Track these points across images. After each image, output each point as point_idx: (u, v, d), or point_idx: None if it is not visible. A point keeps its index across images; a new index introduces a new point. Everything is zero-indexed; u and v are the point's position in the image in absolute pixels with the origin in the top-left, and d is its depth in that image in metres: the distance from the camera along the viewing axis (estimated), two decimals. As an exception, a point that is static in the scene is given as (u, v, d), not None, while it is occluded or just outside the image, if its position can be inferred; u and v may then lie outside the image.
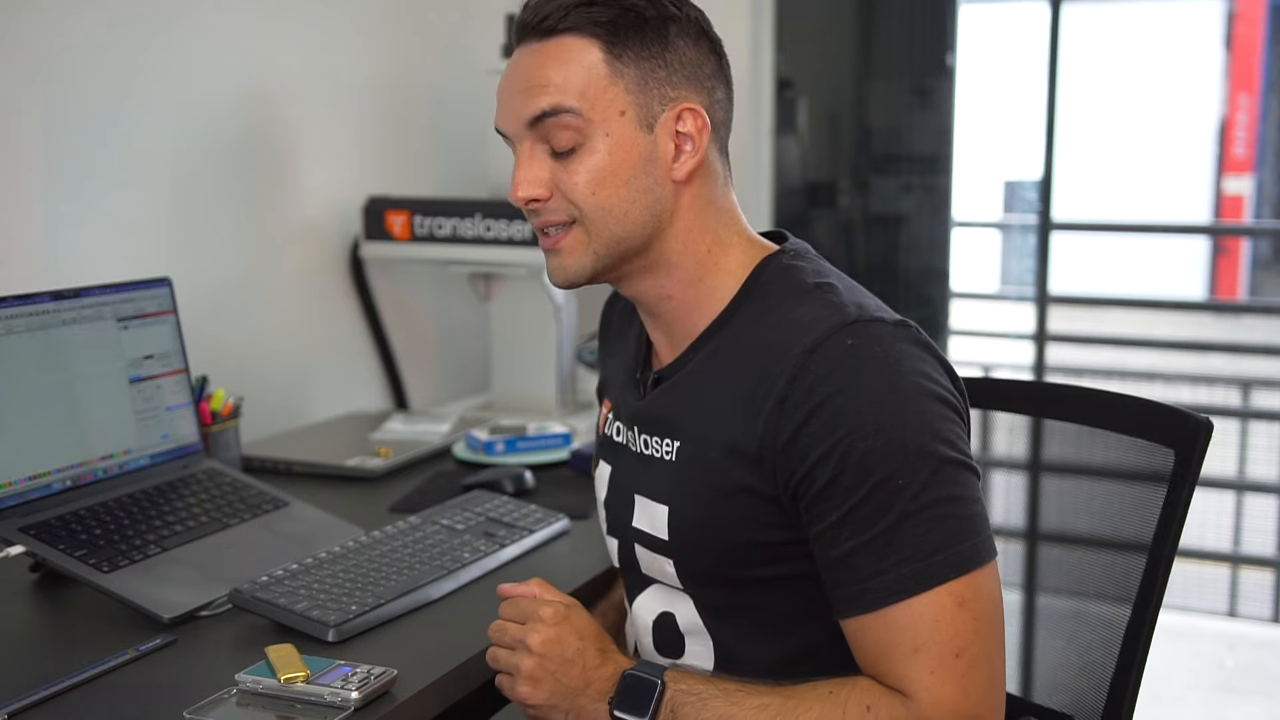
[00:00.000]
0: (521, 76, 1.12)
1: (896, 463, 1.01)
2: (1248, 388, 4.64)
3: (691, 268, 1.16)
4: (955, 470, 1.03)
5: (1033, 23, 3.91)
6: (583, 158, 1.11)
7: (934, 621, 1.00)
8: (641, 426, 1.21)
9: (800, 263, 1.16)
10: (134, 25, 1.78)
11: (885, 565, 1.01)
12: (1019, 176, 8.03)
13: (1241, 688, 3.56)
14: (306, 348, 2.16)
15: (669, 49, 1.12)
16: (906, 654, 1.01)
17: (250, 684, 1.08)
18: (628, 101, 1.11)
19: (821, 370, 1.04)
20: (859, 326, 1.06)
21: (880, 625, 1.02)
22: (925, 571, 1.01)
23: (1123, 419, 1.31)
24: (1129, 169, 9.68)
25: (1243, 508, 4.34)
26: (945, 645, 1.00)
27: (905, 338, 1.07)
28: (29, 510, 1.35)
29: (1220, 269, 10.10)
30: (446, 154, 2.44)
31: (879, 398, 1.03)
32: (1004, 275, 7.82)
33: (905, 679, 1.01)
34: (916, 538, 1.01)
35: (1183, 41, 9.83)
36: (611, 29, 1.10)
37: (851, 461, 1.02)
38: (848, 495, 1.02)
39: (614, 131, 1.11)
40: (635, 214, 1.13)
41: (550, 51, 1.11)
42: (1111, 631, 1.25)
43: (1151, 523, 1.23)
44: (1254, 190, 9.82)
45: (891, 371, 1.04)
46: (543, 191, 1.13)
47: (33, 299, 1.39)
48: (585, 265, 1.15)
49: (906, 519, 1.01)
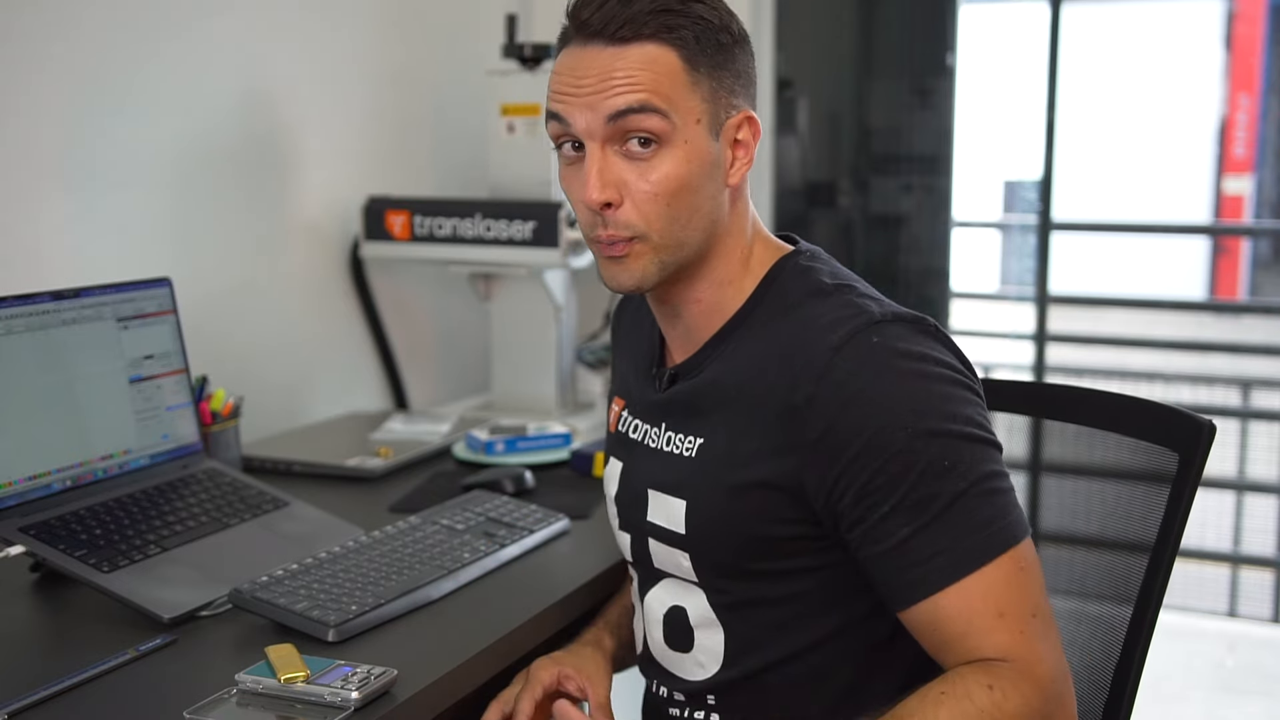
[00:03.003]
0: (597, 73, 1.10)
1: (939, 447, 1.04)
2: (1248, 388, 4.64)
3: (727, 271, 1.18)
4: (990, 449, 1.07)
5: (1033, 23, 3.91)
6: (660, 163, 1.11)
7: (1006, 586, 1.03)
8: (659, 421, 1.22)
9: (816, 264, 1.18)
10: (134, 25, 1.78)
11: (945, 543, 1.04)
12: (1019, 176, 8.04)
13: (1241, 688, 3.56)
14: (306, 348, 2.16)
15: (732, 59, 1.14)
16: (992, 621, 1.03)
17: (250, 684, 1.08)
18: (702, 109, 1.12)
19: (850, 367, 1.06)
20: (882, 325, 1.09)
21: (957, 600, 1.04)
22: (987, 543, 1.04)
23: (1124, 420, 1.31)
24: (1129, 169, 9.68)
25: (1243, 508, 4.34)
26: (1023, 606, 1.03)
27: (924, 332, 1.11)
28: (29, 510, 1.35)
29: (1220, 269, 10.10)
30: (446, 154, 2.44)
31: (910, 388, 1.06)
32: (1004, 275, 7.82)
33: (1000, 645, 1.03)
34: (971, 513, 1.04)
35: (1183, 41, 9.83)
36: (689, 38, 1.11)
37: (894, 451, 1.04)
38: (896, 485, 1.04)
39: (691, 138, 1.11)
40: (698, 222, 1.14)
41: (631, 55, 1.10)
42: (1111, 632, 1.26)
43: (1152, 523, 1.23)
44: (1254, 190, 9.82)
45: (918, 364, 1.07)
46: (616, 195, 1.12)
47: (33, 299, 1.39)
48: (651, 274, 1.15)
49: (959, 497, 1.04)
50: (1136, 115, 9.81)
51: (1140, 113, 9.82)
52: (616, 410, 1.33)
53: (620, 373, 1.36)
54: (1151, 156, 9.84)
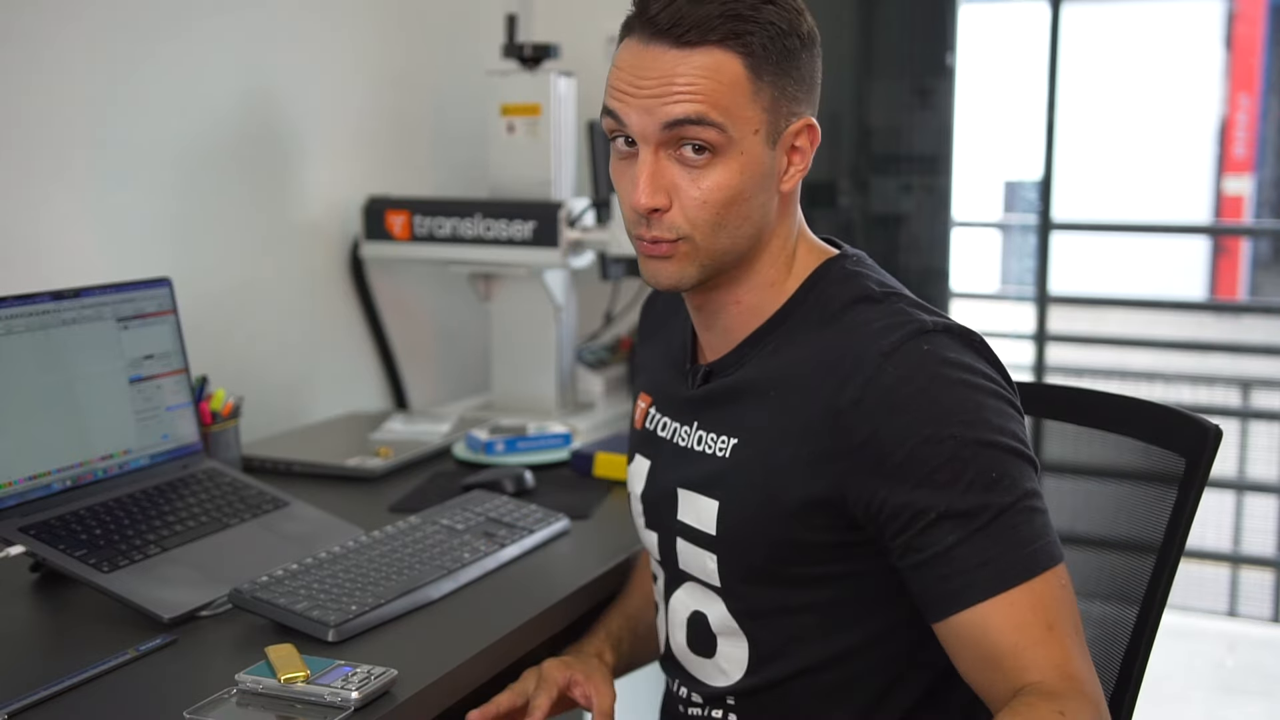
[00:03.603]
0: (658, 76, 1.09)
1: (987, 458, 1.03)
2: (1248, 388, 4.64)
3: (770, 273, 1.17)
4: (1028, 466, 1.06)
5: (1033, 23, 3.91)
6: (713, 172, 1.10)
7: (1054, 599, 1.02)
8: (690, 419, 1.21)
9: (863, 270, 1.17)
10: (134, 25, 1.78)
11: (993, 554, 1.02)
12: (1019, 176, 8.04)
13: (1241, 688, 3.56)
14: (306, 348, 2.16)
15: (798, 65, 1.12)
16: (1043, 633, 1.01)
17: (250, 684, 1.08)
18: (761, 120, 1.10)
19: (900, 373, 1.06)
20: (933, 335, 1.08)
21: (1007, 610, 1.02)
22: (1033, 559, 1.02)
23: (1128, 422, 1.31)
24: (1129, 169, 9.68)
25: (1243, 508, 4.34)
26: (1069, 620, 1.03)
27: (970, 345, 1.10)
28: (29, 510, 1.35)
29: (1220, 269, 10.10)
30: (446, 154, 2.44)
31: (959, 398, 1.05)
32: (1004, 275, 7.82)
33: (1053, 658, 1.00)
34: (1017, 528, 1.03)
35: (1183, 41, 9.83)
36: (755, 44, 1.09)
37: (942, 460, 1.03)
38: (943, 493, 1.03)
39: (748, 149, 1.10)
40: (745, 230, 1.13)
41: (695, 60, 1.08)
42: (1112, 633, 1.25)
43: (1154, 525, 1.23)
44: (1254, 190, 9.82)
45: (967, 374, 1.07)
46: (665, 201, 1.11)
47: (33, 299, 1.39)
48: (690, 273, 1.14)
49: (1005, 511, 1.03)
50: (1136, 115, 9.81)
51: (1140, 113, 9.81)
52: (643, 407, 1.31)
53: (648, 368, 1.35)
54: (1151, 156, 9.84)
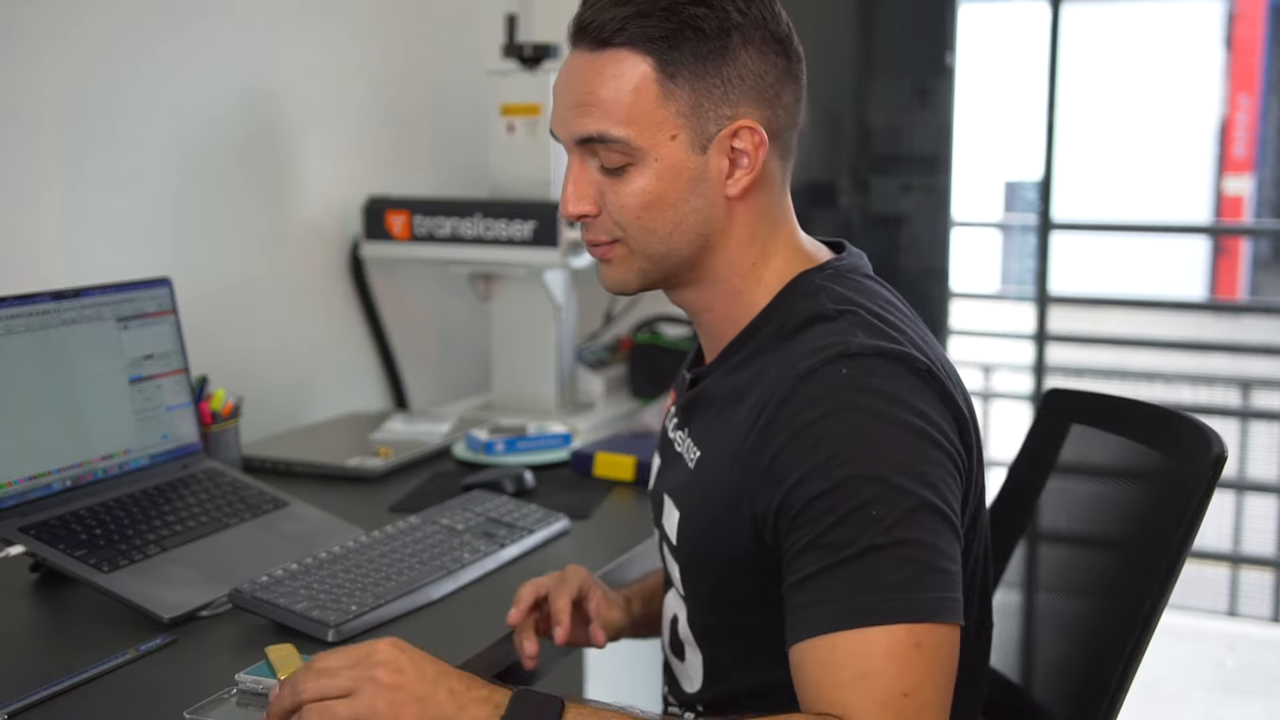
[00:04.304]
0: (572, 89, 1.10)
1: (875, 493, 0.97)
2: (1248, 388, 4.64)
3: (735, 281, 1.14)
4: (934, 518, 0.98)
5: (1033, 23, 3.91)
6: (630, 179, 1.09)
7: (887, 655, 0.94)
8: (682, 425, 1.21)
9: (832, 284, 1.12)
10: (134, 25, 1.78)
11: (843, 592, 0.96)
12: (1019, 176, 8.04)
13: (1241, 688, 3.56)
14: (306, 348, 2.16)
15: (729, 63, 1.07)
16: (853, 680, 0.94)
17: (250, 684, 1.08)
18: (679, 125, 1.07)
19: (810, 396, 1.01)
20: (858, 358, 1.01)
21: (828, 649, 0.95)
22: (883, 606, 0.95)
23: (1131, 425, 1.30)
24: (1129, 169, 9.68)
25: (1243, 508, 4.34)
26: (896, 680, 0.94)
27: (909, 371, 1.02)
28: (29, 510, 1.35)
29: (1220, 269, 10.10)
30: (446, 154, 2.44)
31: (865, 427, 0.99)
32: (1004, 275, 7.82)
33: (849, 705, 0.93)
34: (881, 571, 0.96)
35: (1183, 41, 9.83)
36: (666, 46, 1.06)
37: (829, 486, 0.98)
38: (821, 519, 0.98)
39: (663, 156, 1.08)
40: (680, 234, 1.11)
41: (601, 66, 1.07)
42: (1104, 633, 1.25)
43: (1156, 529, 1.22)
44: (1254, 190, 9.82)
45: (883, 404, 1.00)
46: (590, 208, 1.11)
47: (33, 299, 1.39)
48: (630, 279, 1.14)
49: (873, 550, 0.96)
50: (1136, 115, 9.81)
51: (1140, 113, 9.81)
52: (669, 404, 1.32)
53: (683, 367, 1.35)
54: (1151, 156, 9.84)
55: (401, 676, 0.94)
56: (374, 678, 0.94)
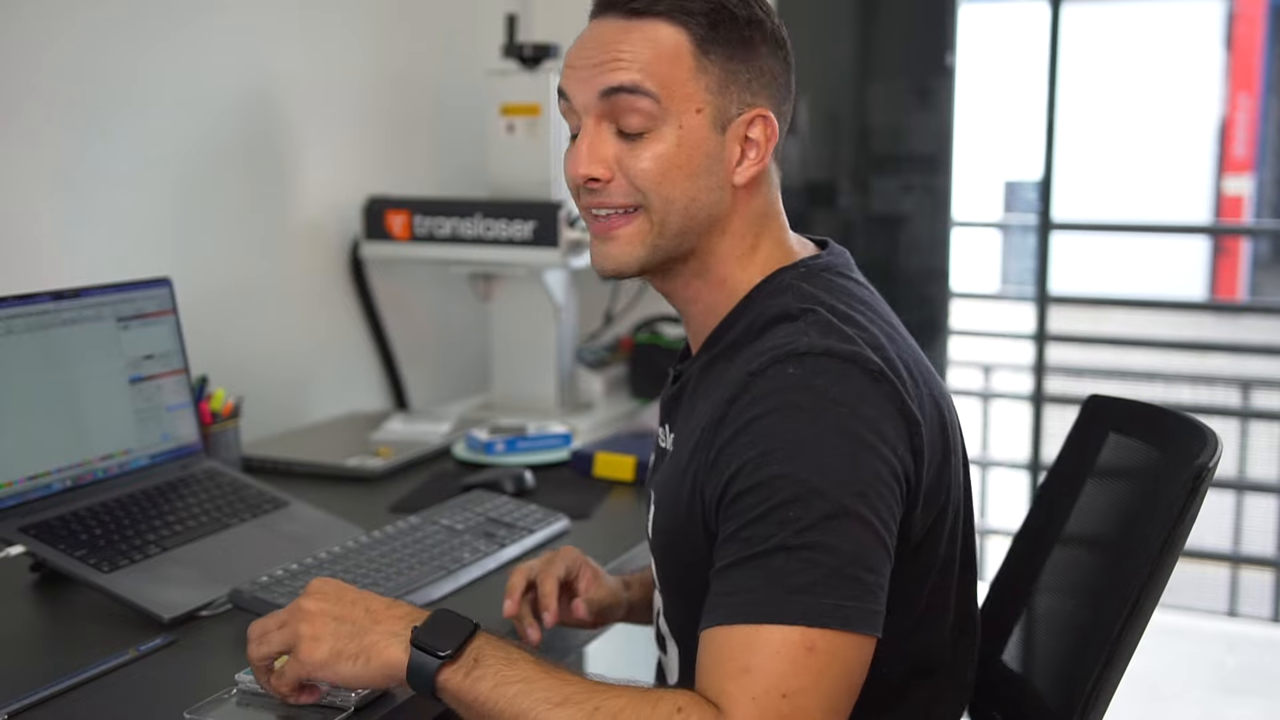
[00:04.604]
0: (601, 47, 1.09)
1: (794, 494, 0.97)
2: (1248, 388, 4.63)
3: (723, 271, 1.14)
4: (857, 528, 0.97)
5: (1033, 23, 3.91)
6: (650, 143, 1.09)
7: (774, 653, 0.94)
8: (664, 421, 1.23)
9: (802, 282, 1.12)
10: (134, 25, 1.78)
11: (748, 585, 0.97)
12: (1019, 176, 8.05)
13: (1241, 688, 3.56)
14: (306, 348, 2.16)
15: (754, 54, 1.10)
16: (736, 672, 0.95)
17: (250, 684, 1.08)
18: (705, 100, 1.09)
19: (757, 394, 1.01)
20: (806, 358, 1.01)
21: (724, 638, 0.97)
22: (782, 607, 0.95)
23: (1135, 424, 1.30)
24: (1129, 169, 9.68)
25: (1243, 508, 4.33)
26: (778, 680, 0.94)
27: (859, 375, 1.01)
28: (29, 510, 1.35)
29: (1220, 269, 10.10)
30: (446, 154, 2.44)
31: (801, 428, 0.99)
32: (1004, 275, 7.83)
33: (726, 694, 0.94)
34: (786, 573, 0.96)
35: (1183, 41, 9.83)
36: (705, 24, 1.08)
37: (756, 482, 0.98)
38: (745, 513, 0.99)
39: (686, 125, 1.08)
40: (694, 210, 1.11)
41: (638, 30, 1.08)
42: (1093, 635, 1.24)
43: (1152, 529, 1.22)
44: (1254, 190, 9.82)
45: (825, 406, 0.99)
46: (605, 171, 1.10)
47: (33, 299, 1.39)
48: (637, 256, 1.12)
49: (782, 550, 0.96)
50: (1136, 115, 9.81)
51: (1140, 113, 9.82)
52: None
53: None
54: (1151, 156, 9.84)
55: (324, 600, 1.04)
56: (300, 606, 1.04)
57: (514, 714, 0.97)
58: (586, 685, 0.98)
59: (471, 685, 0.98)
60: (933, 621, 1.14)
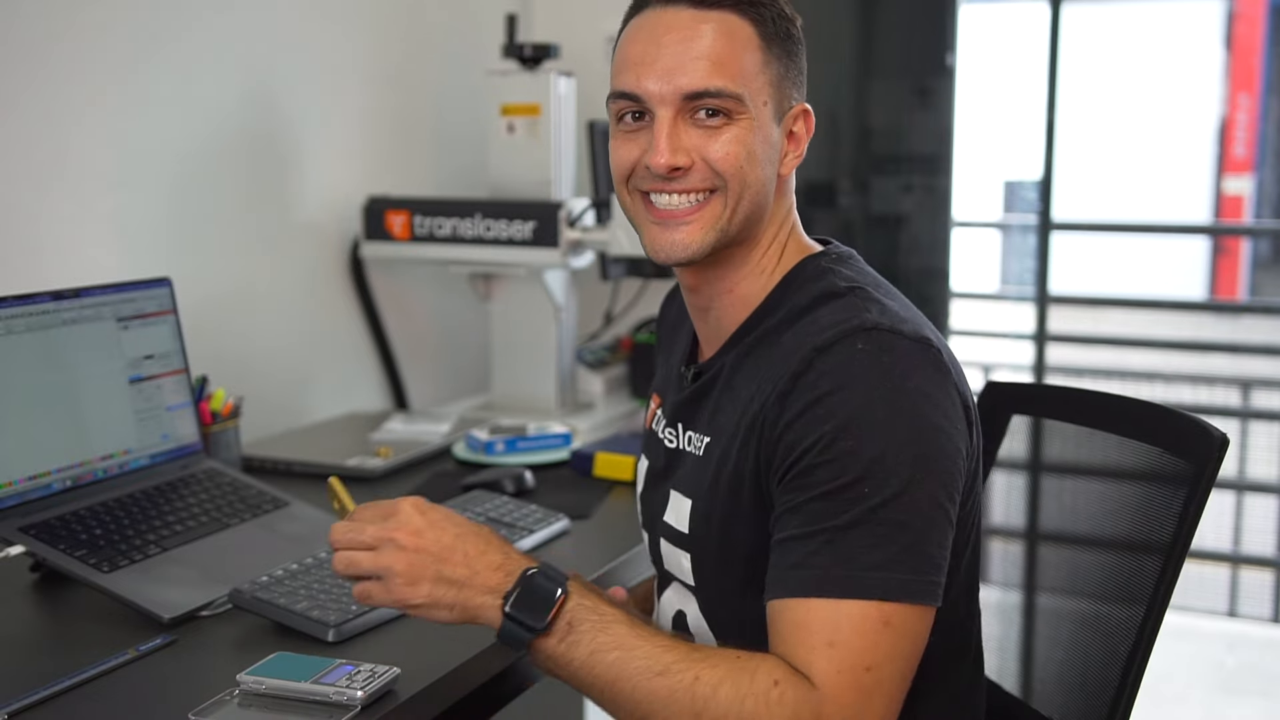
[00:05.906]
0: (684, 44, 1.10)
1: (869, 469, 1.00)
2: (1248, 388, 4.64)
3: (760, 259, 1.17)
4: (926, 504, 1.01)
5: (1033, 23, 3.91)
6: (728, 132, 1.11)
7: (855, 628, 0.98)
8: (678, 421, 1.23)
9: (837, 267, 1.16)
10: (134, 24, 1.78)
11: (825, 560, 1.00)
12: (1019, 176, 8.04)
13: (1241, 688, 3.56)
14: (306, 348, 2.16)
15: (796, 50, 1.16)
16: (820, 645, 0.98)
17: (251, 684, 1.08)
18: (769, 92, 1.13)
19: (825, 368, 1.03)
20: (875, 334, 1.04)
21: (803, 611, 1.00)
22: (857, 582, 0.98)
23: (1132, 424, 1.30)
24: (1129, 169, 9.68)
25: (1243, 508, 4.33)
26: (860, 653, 0.98)
27: (922, 355, 1.05)
28: (29, 510, 1.35)
29: (1220, 269, 10.10)
30: (446, 154, 2.44)
31: (873, 404, 1.01)
32: (1004, 275, 7.82)
33: (814, 667, 0.98)
34: (863, 547, 0.99)
35: (1183, 41, 9.83)
36: (767, 18, 1.12)
37: (829, 457, 1.01)
38: (815, 487, 1.01)
39: (758, 116, 1.12)
40: (763, 196, 1.14)
41: (715, 24, 1.11)
42: (1109, 635, 1.25)
43: (1158, 528, 1.22)
44: (1254, 190, 9.82)
45: (895, 383, 1.02)
46: (687, 160, 1.12)
47: (33, 299, 1.39)
48: (709, 241, 1.14)
49: (857, 525, 0.99)
50: (1136, 115, 9.81)
51: (1140, 113, 9.82)
52: (653, 408, 1.33)
53: (661, 369, 1.37)
54: (1151, 156, 9.84)
55: (420, 539, 1.04)
56: (394, 539, 1.04)
57: (610, 680, 1.00)
58: (682, 652, 1.01)
59: (566, 651, 1.02)
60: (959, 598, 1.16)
